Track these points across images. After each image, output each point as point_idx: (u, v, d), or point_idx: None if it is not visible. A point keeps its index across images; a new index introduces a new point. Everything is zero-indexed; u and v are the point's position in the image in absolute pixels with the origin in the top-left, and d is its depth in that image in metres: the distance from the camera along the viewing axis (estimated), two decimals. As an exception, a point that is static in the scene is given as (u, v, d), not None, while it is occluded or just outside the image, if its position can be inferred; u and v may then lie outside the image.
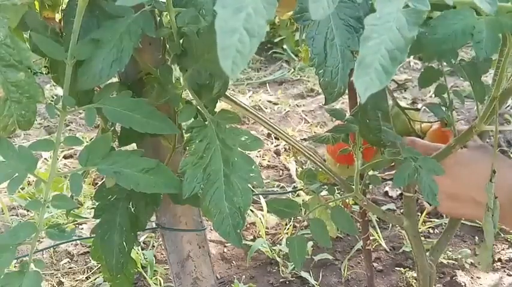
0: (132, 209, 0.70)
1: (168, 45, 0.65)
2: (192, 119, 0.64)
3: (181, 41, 0.60)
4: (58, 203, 0.59)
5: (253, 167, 0.61)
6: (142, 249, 1.67)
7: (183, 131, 0.79)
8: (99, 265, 1.64)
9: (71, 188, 0.59)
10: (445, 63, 0.75)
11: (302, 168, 2.05)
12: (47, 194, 0.59)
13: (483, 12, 0.45)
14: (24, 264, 0.58)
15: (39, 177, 0.59)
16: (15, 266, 1.15)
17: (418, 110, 0.94)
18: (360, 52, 0.35)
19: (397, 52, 0.34)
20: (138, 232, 0.73)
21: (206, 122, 0.62)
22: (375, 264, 1.57)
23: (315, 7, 0.35)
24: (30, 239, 0.58)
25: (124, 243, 0.70)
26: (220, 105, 0.66)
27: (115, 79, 0.70)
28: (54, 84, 0.75)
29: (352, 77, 0.35)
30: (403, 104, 0.91)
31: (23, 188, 1.95)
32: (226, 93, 0.66)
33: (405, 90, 2.55)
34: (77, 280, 1.60)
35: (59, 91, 2.73)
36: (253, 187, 0.60)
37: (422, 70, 0.76)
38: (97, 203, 0.70)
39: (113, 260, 0.70)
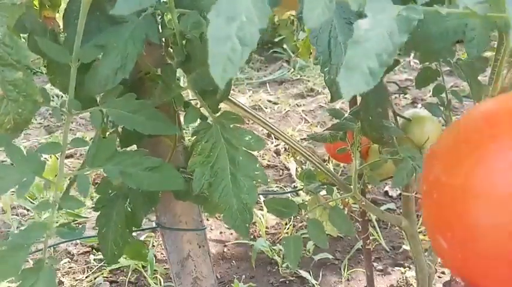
0: (129, 207, 0.72)
1: (170, 48, 0.66)
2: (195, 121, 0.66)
3: (183, 42, 0.61)
4: (66, 203, 0.61)
5: (257, 165, 0.63)
6: (142, 249, 1.67)
7: (183, 129, 0.79)
8: (99, 265, 1.64)
9: (79, 188, 0.61)
10: (443, 63, 0.76)
11: (302, 168, 2.05)
12: (56, 195, 0.60)
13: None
14: (39, 261, 0.59)
15: (48, 179, 0.60)
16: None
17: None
18: (347, 54, 0.34)
19: (385, 56, 0.34)
20: (138, 231, 0.74)
21: (209, 121, 0.64)
22: (374, 264, 1.57)
23: (309, 14, 0.35)
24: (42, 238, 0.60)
25: (118, 238, 0.71)
26: (220, 105, 0.67)
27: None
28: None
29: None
30: (403, 103, 0.90)
31: (23, 188, 1.96)
32: (225, 93, 0.66)
33: (405, 94, 2.55)
34: (77, 280, 1.61)
35: (59, 91, 2.73)
36: (254, 186, 0.63)
37: (419, 70, 0.76)
38: (98, 196, 0.72)
39: (108, 252, 0.73)
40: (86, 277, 1.61)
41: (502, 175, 0.27)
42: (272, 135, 2.40)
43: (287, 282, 1.56)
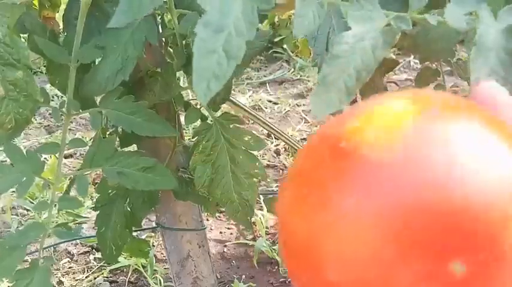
0: (129, 206, 0.72)
1: (170, 48, 0.66)
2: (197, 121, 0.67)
3: (184, 43, 0.61)
4: (64, 203, 0.61)
5: (257, 163, 0.65)
6: (142, 248, 1.67)
7: (183, 129, 0.80)
8: (99, 265, 1.64)
9: (78, 189, 0.61)
10: (443, 63, 0.75)
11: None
12: (54, 195, 0.60)
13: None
14: (34, 260, 0.60)
15: (47, 179, 0.61)
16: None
17: None
18: (323, 69, 0.32)
19: (364, 73, 0.32)
20: (138, 231, 0.75)
21: (209, 121, 0.65)
22: (374, 263, 1.57)
23: (299, 22, 0.33)
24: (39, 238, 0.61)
25: (117, 238, 0.72)
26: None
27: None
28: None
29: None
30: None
31: (23, 188, 1.95)
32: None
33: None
34: (76, 280, 1.61)
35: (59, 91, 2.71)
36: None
37: (419, 70, 0.76)
38: (98, 196, 0.72)
39: (106, 252, 0.73)
40: (86, 277, 1.61)
41: (345, 227, 0.20)
42: (272, 135, 2.40)
43: (287, 282, 1.56)
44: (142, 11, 0.35)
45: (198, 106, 0.68)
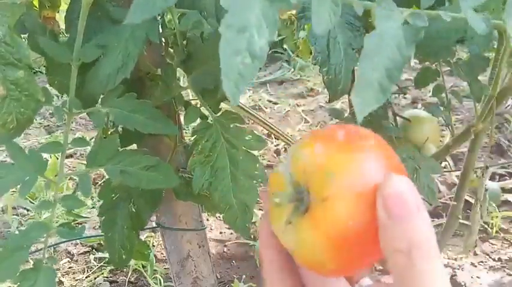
0: (133, 208, 0.72)
1: (171, 48, 0.66)
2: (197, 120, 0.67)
3: (184, 42, 0.61)
4: (67, 203, 0.61)
5: (257, 165, 0.64)
6: (142, 248, 1.67)
7: (184, 130, 0.79)
8: (99, 265, 1.64)
9: (81, 189, 0.61)
10: (443, 63, 0.75)
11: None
12: (56, 195, 0.60)
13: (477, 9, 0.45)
14: (38, 261, 0.60)
15: (49, 179, 0.61)
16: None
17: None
18: (359, 69, 0.34)
19: (394, 71, 0.34)
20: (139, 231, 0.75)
21: (209, 121, 0.64)
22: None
23: (317, 21, 0.34)
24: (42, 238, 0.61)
25: (125, 241, 0.71)
26: (220, 105, 0.67)
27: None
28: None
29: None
30: (402, 103, 0.90)
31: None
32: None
33: (405, 94, 2.54)
34: (76, 280, 1.61)
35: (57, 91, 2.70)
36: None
37: (419, 70, 0.76)
38: (101, 202, 0.72)
39: (115, 256, 0.73)
40: (86, 277, 1.61)
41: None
42: (272, 135, 2.40)
43: (287, 282, 1.56)
44: (157, 9, 0.36)
45: (198, 105, 0.68)
